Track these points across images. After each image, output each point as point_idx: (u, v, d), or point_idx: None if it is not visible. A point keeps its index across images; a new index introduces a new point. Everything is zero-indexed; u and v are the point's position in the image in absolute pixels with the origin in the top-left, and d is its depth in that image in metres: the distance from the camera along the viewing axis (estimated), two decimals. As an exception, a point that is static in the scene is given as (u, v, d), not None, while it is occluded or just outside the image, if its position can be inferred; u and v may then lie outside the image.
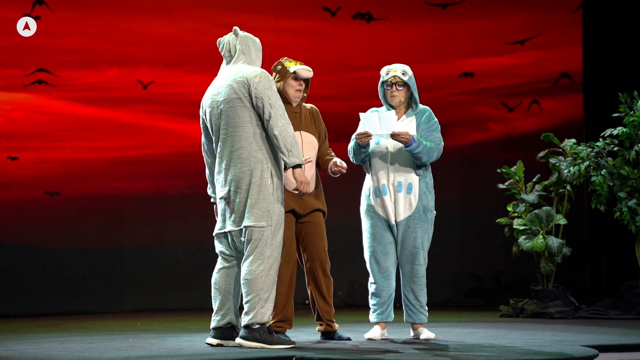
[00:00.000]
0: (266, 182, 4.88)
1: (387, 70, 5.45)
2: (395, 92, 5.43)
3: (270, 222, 4.88)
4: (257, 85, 4.86)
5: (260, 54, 5.16)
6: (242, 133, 4.89)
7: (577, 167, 7.68)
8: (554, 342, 5.22)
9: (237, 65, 5.02)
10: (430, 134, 5.37)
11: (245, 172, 4.87)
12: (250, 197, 4.86)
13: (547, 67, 10.19)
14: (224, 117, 4.93)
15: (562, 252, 7.76)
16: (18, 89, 9.36)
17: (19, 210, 9.36)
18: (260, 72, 4.93)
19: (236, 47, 5.08)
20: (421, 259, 5.37)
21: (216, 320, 5.02)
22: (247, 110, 4.88)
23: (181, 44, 9.88)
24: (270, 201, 4.88)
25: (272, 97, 4.87)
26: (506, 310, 8.03)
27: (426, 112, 5.46)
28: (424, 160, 5.30)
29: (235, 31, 5.14)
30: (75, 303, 9.27)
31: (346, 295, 10.28)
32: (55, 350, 4.91)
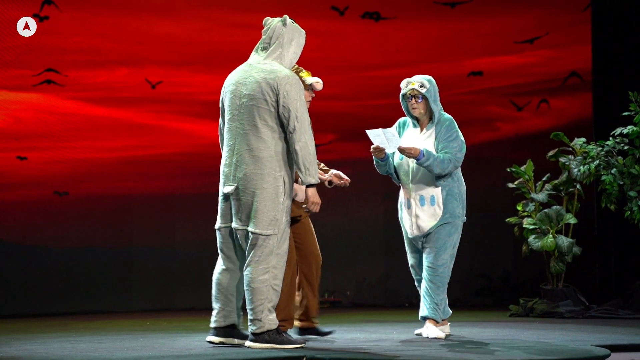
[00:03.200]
0: (278, 190, 4.74)
1: (407, 83, 5.51)
2: (414, 104, 5.48)
3: (277, 231, 4.76)
4: (288, 93, 4.70)
5: (300, 50, 4.99)
6: (261, 135, 4.72)
7: (587, 166, 7.66)
8: (565, 342, 5.20)
9: (269, 61, 4.85)
10: (447, 144, 5.39)
11: (258, 175, 4.73)
12: (258, 201, 4.72)
13: (556, 66, 10.16)
14: (245, 111, 4.77)
15: (572, 252, 7.73)
16: (27, 89, 9.37)
17: (28, 210, 9.37)
18: (293, 79, 4.76)
19: (278, 38, 4.92)
20: (440, 258, 5.39)
21: (218, 321, 4.95)
22: (271, 114, 4.72)
23: (190, 44, 9.88)
24: (279, 210, 4.75)
25: (300, 109, 4.73)
26: (516, 309, 8.00)
27: (446, 122, 5.47)
28: (436, 172, 5.32)
29: (284, 20, 4.98)
30: (84, 303, 9.27)
31: (355, 295, 10.27)
32: (66, 350, 4.90)
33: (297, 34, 4.99)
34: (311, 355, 4.53)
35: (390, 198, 8.06)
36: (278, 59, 4.88)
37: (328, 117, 10.37)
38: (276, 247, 4.78)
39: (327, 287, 10.21)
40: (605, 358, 4.65)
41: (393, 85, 10.40)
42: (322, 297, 10.16)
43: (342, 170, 5.39)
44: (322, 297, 10.16)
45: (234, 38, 9.93)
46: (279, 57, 4.89)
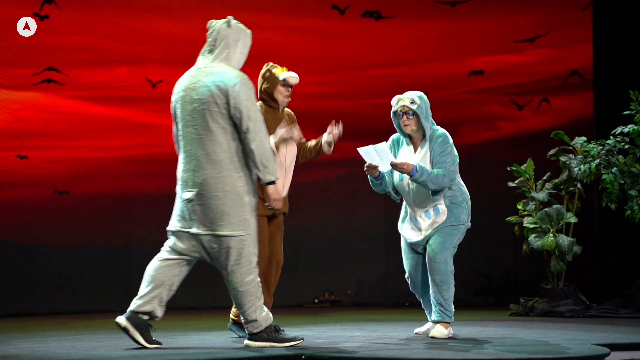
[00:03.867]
0: (240, 191, 4.72)
1: (397, 100, 5.46)
2: (406, 121, 5.42)
3: (250, 231, 4.75)
4: (238, 95, 4.66)
5: (246, 50, 4.95)
6: (215, 138, 4.68)
7: (588, 165, 7.64)
8: (565, 341, 5.19)
9: (217, 63, 4.83)
10: (441, 159, 5.36)
11: (218, 178, 4.69)
12: (223, 204, 4.68)
13: (557, 65, 10.15)
14: (198, 116, 4.73)
15: (572, 251, 7.72)
16: (27, 88, 9.36)
17: (28, 209, 9.36)
18: (241, 79, 4.72)
19: (223, 40, 4.89)
20: (440, 254, 5.36)
21: (138, 303, 4.88)
22: (223, 116, 4.68)
23: (190, 43, 9.80)
24: (246, 210, 4.74)
25: (252, 108, 4.69)
26: (516, 309, 7.99)
27: (440, 137, 5.43)
28: (431, 188, 5.31)
29: (228, 21, 4.95)
30: (84, 302, 9.26)
31: (355, 295, 10.26)
32: (64, 349, 4.90)
33: (243, 34, 4.96)
34: (310, 353, 4.52)
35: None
36: (225, 60, 4.86)
37: (328, 116, 10.29)
38: (252, 247, 4.78)
39: (328, 286, 10.21)
40: (605, 357, 4.64)
41: (394, 84, 10.46)
42: (323, 296, 10.16)
43: (343, 170, 5.44)
44: (323, 296, 10.16)
45: (234, 37, 9.93)
46: (226, 58, 4.86)
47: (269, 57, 10.08)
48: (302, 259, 10.11)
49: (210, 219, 4.71)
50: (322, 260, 10.27)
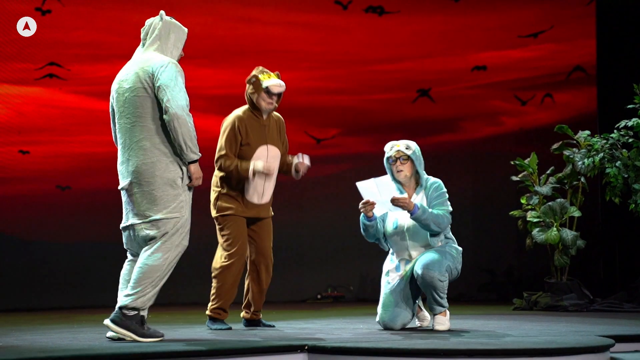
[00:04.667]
0: (172, 175, 4.69)
1: (391, 146, 5.38)
2: (400, 166, 5.34)
3: (184, 213, 4.73)
4: (162, 74, 4.68)
5: (181, 43, 4.98)
6: (145, 124, 4.70)
7: (592, 159, 7.61)
8: (569, 333, 5.16)
9: (148, 52, 4.87)
10: (438, 201, 5.31)
11: (149, 165, 4.68)
12: (156, 189, 4.67)
13: (561, 60, 10.12)
14: (128, 105, 4.75)
15: (576, 245, 7.69)
16: (29, 82, 9.35)
17: (30, 204, 9.35)
18: (168, 61, 4.75)
19: (154, 32, 4.93)
20: (435, 266, 5.20)
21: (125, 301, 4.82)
22: (150, 100, 4.71)
23: (192, 38, 9.76)
24: (180, 192, 4.71)
25: (175, 88, 4.67)
26: (519, 303, 7.96)
27: (435, 184, 5.37)
28: (432, 227, 5.23)
29: (160, 15, 4.99)
30: (86, 297, 9.24)
31: (358, 290, 10.24)
32: (66, 340, 4.88)
33: (175, 28, 4.99)
34: (313, 344, 4.50)
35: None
36: (159, 50, 4.89)
37: (331, 111, 10.35)
38: (182, 227, 4.74)
39: (331, 282, 10.18)
40: (610, 347, 4.61)
41: (397, 79, 10.45)
42: (325, 291, 10.14)
43: (346, 165, 5.42)
44: (325, 292, 10.13)
45: (237, 32, 9.90)
46: (159, 49, 4.90)
47: (272, 52, 10.15)
48: (305, 255, 10.09)
49: (145, 206, 4.70)
50: (325, 256, 10.25)
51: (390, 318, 5.36)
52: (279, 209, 6.14)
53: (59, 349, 4.29)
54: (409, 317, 5.42)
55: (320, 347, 4.46)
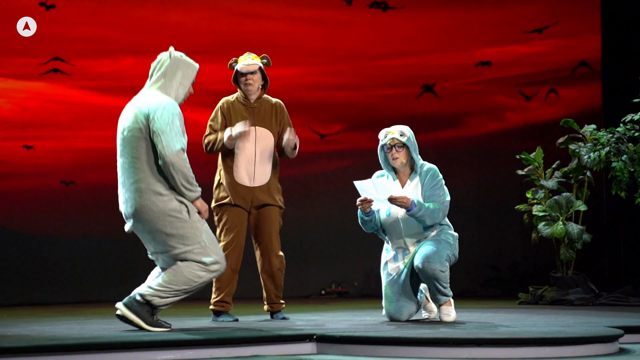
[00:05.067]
0: (174, 212, 4.64)
1: (385, 133, 5.32)
2: (395, 154, 5.28)
3: (202, 239, 4.69)
4: (159, 119, 4.59)
5: (188, 81, 4.87)
6: (140, 165, 4.65)
7: (598, 153, 7.59)
8: (577, 324, 5.15)
9: (150, 91, 4.79)
10: (433, 192, 5.26)
11: (146, 207, 4.63)
12: (163, 227, 4.64)
13: (565, 56, 10.11)
14: (126, 144, 4.73)
15: (582, 239, 7.67)
16: (33, 77, 9.35)
17: (35, 199, 9.35)
18: (165, 104, 4.65)
19: (161, 69, 4.84)
20: (435, 258, 5.15)
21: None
22: (145, 142, 4.65)
23: (196, 33, 9.85)
24: (190, 222, 4.67)
25: (171, 133, 4.59)
26: (525, 297, 7.95)
27: (430, 171, 5.32)
28: (427, 223, 5.20)
29: (169, 51, 4.92)
30: (91, 292, 9.25)
31: (362, 286, 10.23)
32: (74, 331, 4.87)
33: (184, 65, 4.89)
34: (321, 333, 4.49)
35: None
36: (162, 89, 4.80)
37: (336, 106, 10.34)
38: (208, 251, 4.72)
39: (335, 278, 10.18)
40: (619, 338, 4.59)
41: (401, 75, 10.44)
42: (329, 287, 10.13)
43: (350, 161, 5.43)
44: (329, 288, 10.12)
45: (241, 27, 9.90)
46: (162, 87, 4.80)
47: (277, 48, 10.14)
48: (309, 250, 10.08)
49: (161, 242, 4.70)
50: (329, 251, 10.24)
51: (396, 310, 5.34)
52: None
53: (69, 337, 4.28)
54: (414, 309, 5.40)
55: (328, 337, 4.45)
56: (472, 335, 4.38)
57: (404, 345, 4.30)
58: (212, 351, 4.28)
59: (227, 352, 4.29)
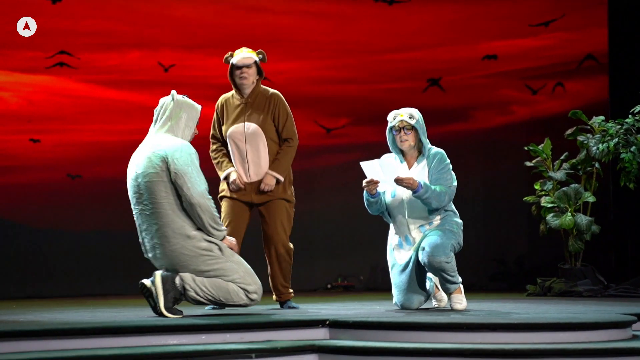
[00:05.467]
0: (205, 251, 4.69)
1: (394, 115, 5.31)
2: (404, 136, 5.26)
3: (240, 272, 4.75)
4: (177, 161, 4.62)
5: (193, 122, 4.87)
6: (161, 210, 4.64)
7: (606, 144, 7.58)
8: (589, 311, 5.14)
9: (159, 135, 4.81)
10: (440, 176, 5.25)
11: (177, 252, 4.66)
12: (198, 266, 4.68)
13: (572, 49, 10.08)
14: (143, 191, 4.68)
15: (591, 230, 7.65)
16: (39, 71, 9.33)
17: (41, 192, 9.34)
18: (181, 145, 4.69)
19: (165, 112, 4.87)
20: (440, 251, 5.12)
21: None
22: (164, 185, 4.64)
23: (203, 27, 9.84)
24: (224, 260, 4.72)
25: (193, 174, 4.62)
26: (533, 289, 7.93)
27: (438, 154, 5.31)
28: (433, 205, 5.19)
29: (172, 95, 4.94)
30: (97, 285, 9.23)
31: (368, 280, 10.22)
32: (85, 317, 4.86)
33: (187, 107, 4.90)
34: (334, 319, 4.48)
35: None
36: (171, 131, 4.82)
37: (342, 100, 10.33)
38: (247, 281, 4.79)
39: (340, 272, 10.16)
40: (632, 324, 4.59)
41: (407, 68, 10.42)
42: (335, 281, 10.11)
43: (356, 155, 5.39)
44: (335, 282, 10.11)
45: (247, 21, 9.89)
46: (170, 129, 4.83)
47: (283, 42, 10.13)
48: (315, 244, 10.07)
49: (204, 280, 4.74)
50: (335, 245, 10.22)
51: (406, 299, 5.32)
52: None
53: (81, 322, 4.28)
54: (424, 298, 5.39)
55: (341, 322, 4.44)
56: (486, 320, 4.38)
57: (417, 331, 4.30)
58: (225, 336, 4.27)
59: (240, 337, 4.29)
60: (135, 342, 4.07)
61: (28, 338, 3.84)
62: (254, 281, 4.76)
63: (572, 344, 4.15)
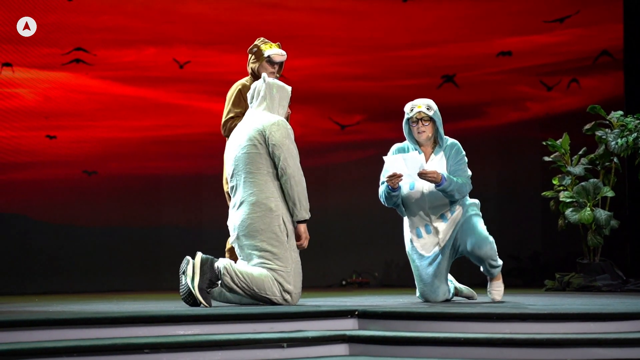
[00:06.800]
0: (277, 230, 4.91)
1: (412, 107, 5.32)
2: (422, 127, 5.28)
3: (290, 267, 4.91)
4: (275, 133, 4.90)
5: (286, 101, 5.16)
6: (255, 179, 4.92)
7: (625, 139, 7.58)
8: (614, 303, 5.14)
9: (257, 111, 5.08)
10: (458, 167, 5.29)
11: (254, 219, 4.90)
12: (262, 242, 4.89)
13: (587, 45, 10.08)
14: (239, 162, 4.97)
15: (610, 225, 7.65)
16: (56, 67, 9.35)
17: (57, 189, 9.36)
18: (278, 120, 4.98)
19: (260, 93, 5.11)
20: (486, 243, 5.24)
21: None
22: (260, 156, 4.93)
23: (218, 23, 9.86)
24: (286, 248, 4.92)
25: (290, 146, 4.93)
26: (552, 284, 7.93)
27: (454, 146, 5.35)
28: (456, 197, 5.23)
29: (263, 77, 5.16)
30: (112, 281, 9.24)
31: (383, 276, 10.22)
32: (114, 308, 4.88)
33: (279, 88, 5.16)
34: (363, 309, 4.49)
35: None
36: (267, 108, 5.09)
37: (356, 97, 10.33)
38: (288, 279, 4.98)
39: (355, 268, 10.17)
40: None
41: (421, 65, 10.42)
42: (350, 277, 10.12)
43: (370, 151, 5.47)
44: (350, 278, 10.12)
45: (262, 17, 9.91)
46: (267, 107, 5.10)
47: (297, 38, 10.14)
48: (330, 240, 10.07)
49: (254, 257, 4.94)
50: (349, 242, 10.23)
51: (432, 291, 5.34)
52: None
53: (112, 312, 4.29)
54: (448, 289, 5.40)
55: (371, 312, 4.45)
56: (516, 310, 4.38)
57: (447, 321, 4.31)
58: (255, 326, 4.28)
59: (270, 327, 4.30)
60: (167, 331, 4.08)
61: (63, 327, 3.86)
62: (295, 283, 4.91)
63: (603, 334, 4.15)
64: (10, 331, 3.76)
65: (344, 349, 4.21)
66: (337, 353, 4.17)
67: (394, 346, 4.14)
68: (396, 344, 4.14)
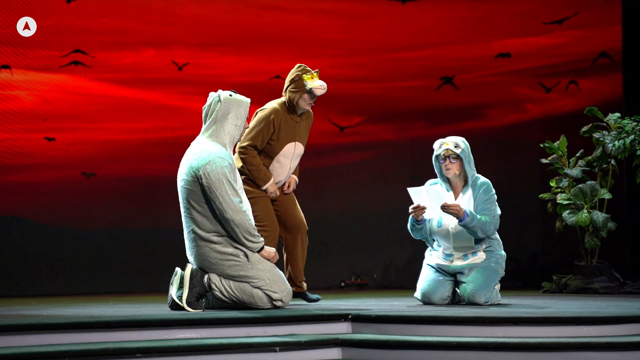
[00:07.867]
0: (234, 257, 4.80)
1: (440, 144, 5.37)
2: (449, 165, 5.34)
3: (266, 279, 4.83)
4: (209, 175, 4.70)
5: (242, 119, 4.90)
6: (192, 215, 4.80)
7: (622, 141, 7.57)
8: (610, 306, 5.14)
9: (202, 139, 4.89)
10: (485, 206, 5.32)
11: (204, 255, 4.80)
12: (226, 270, 4.80)
13: (586, 47, 10.07)
14: (181, 193, 4.87)
15: (607, 227, 7.65)
16: (54, 69, 9.36)
17: (55, 191, 9.36)
18: (214, 159, 4.73)
19: (212, 115, 4.90)
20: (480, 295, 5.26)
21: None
22: (194, 193, 4.78)
23: (217, 25, 9.86)
24: (250, 267, 4.80)
25: (225, 187, 4.70)
26: (549, 286, 7.93)
27: (484, 185, 5.39)
28: (479, 235, 5.26)
29: (218, 95, 4.98)
30: (111, 283, 9.25)
31: (382, 278, 10.22)
32: (108, 312, 4.88)
33: (235, 105, 4.91)
34: (356, 313, 4.49)
35: (417, 180, 7.98)
36: (213, 135, 4.87)
37: (355, 99, 10.33)
38: (272, 288, 4.92)
39: (354, 270, 10.17)
40: (655, 318, 4.58)
41: (420, 66, 10.42)
42: (349, 279, 10.12)
43: (369, 153, 5.46)
44: (349, 280, 10.12)
45: (261, 19, 9.91)
46: (214, 133, 4.88)
47: (296, 40, 10.14)
48: (328, 242, 10.08)
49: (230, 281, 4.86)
50: (348, 244, 10.23)
51: (431, 289, 5.35)
52: (302, 197, 6.15)
53: (106, 316, 4.29)
54: (447, 295, 5.41)
55: (364, 316, 4.45)
56: (509, 314, 4.38)
57: (440, 324, 4.31)
58: (248, 330, 4.29)
59: (264, 331, 4.30)
60: (159, 335, 4.09)
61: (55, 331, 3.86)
62: (280, 288, 4.84)
63: (596, 337, 4.15)
64: (1, 336, 3.76)
65: (337, 352, 4.22)
66: (330, 357, 4.17)
67: (386, 350, 4.15)
68: (389, 348, 4.14)
